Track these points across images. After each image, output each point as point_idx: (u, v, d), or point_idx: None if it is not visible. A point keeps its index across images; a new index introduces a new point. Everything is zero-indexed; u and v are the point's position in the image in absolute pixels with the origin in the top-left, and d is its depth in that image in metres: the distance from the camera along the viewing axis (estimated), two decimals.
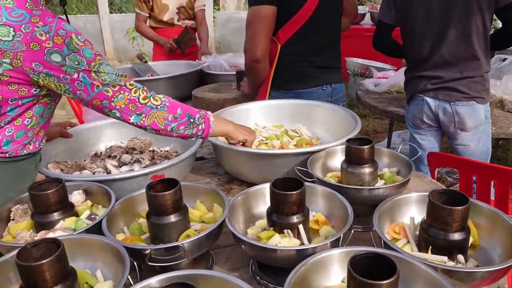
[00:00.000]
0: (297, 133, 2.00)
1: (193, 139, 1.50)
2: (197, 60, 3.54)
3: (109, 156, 1.77)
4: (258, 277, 1.21)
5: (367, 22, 6.81)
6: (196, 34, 3.94)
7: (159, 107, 1.36)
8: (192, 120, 1.43)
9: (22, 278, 0.90)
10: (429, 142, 2.51)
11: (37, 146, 1.38)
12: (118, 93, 1.30)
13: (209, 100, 2.59)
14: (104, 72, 1.26)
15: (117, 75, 1.29)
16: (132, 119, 1.34)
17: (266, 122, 2.08)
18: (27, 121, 1.30)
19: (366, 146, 1.37)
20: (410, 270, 0.94)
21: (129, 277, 0.96)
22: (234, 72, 2.82)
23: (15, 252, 0.93)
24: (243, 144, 1.63)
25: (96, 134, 1.92)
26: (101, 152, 1.86)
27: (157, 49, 3.95)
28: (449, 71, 2.27)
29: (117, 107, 1.31)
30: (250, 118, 2.07)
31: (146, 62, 3.43)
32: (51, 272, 0.89)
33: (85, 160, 1.82)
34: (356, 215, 1.39)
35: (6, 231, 1.23)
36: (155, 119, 1.36)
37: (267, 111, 2.10)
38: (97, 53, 1.27)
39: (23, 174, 1.37)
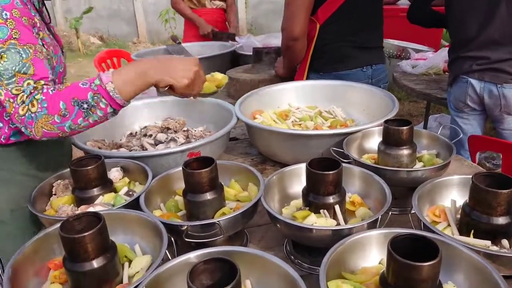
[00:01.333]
0: (331, 114, 1.97)
1: (111, 118, 1.25)
2: (230, 42, 3.53)
3: (145, 135, 1.80)
4: (292, 257, 1.21)
5: (403, 2, 6.58)
6: (226, 16, 3.93)
7: (38, 114, 1.12)
8: (85, 106, 1.15)
9: (65, 250, 0.93)
10: (472, 127, 2.41)
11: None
12: (8, 99, 1.12)
13: (243, 81, 2.57)
14: (7, 60, 1.09)
15: (19, 69, 1.11)
16: (25, 132, 1.15)
17: (300, 103, 2.05)
18: None
19: (405, 127, 1.33)
20: (451, 254, 0.92)
21: (167, 251, 0.98)
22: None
23: (58, 225, 0.96)
24: (171, 89, 1.30)
25: (131, 114, 1.95)
26: (136, 132, 1.89)
27: (188, 30, 3.95)
28: (497, 51, 2.15)
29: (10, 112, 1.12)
30: (284, 99, 2.05)
31: (180, 43, 3.44)
32: (92, 244, 0.91)
33: (121, 140, 1.86)
34: (393, 198, 1.36)
35: (49, 205, 1.28)
36: (43, 129, 1.13)
37: (301, 92, 2.07)
38: (16, 37, 1.11)
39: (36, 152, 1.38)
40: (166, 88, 1.29)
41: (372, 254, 0.98)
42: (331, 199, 1.13)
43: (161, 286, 0.91)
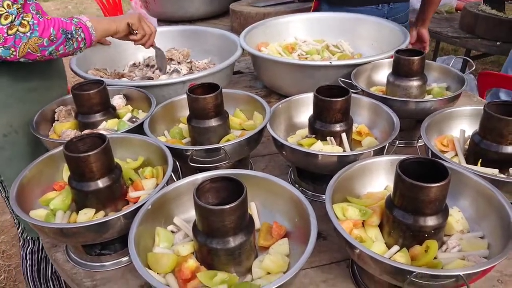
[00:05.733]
0: (339, 48, 1.91)
1: (78, 52, 1.31)
2: None
3: (147, 66, 1.76)
4: (296, 185, 1.21)
5: None
6: None
7: (28, 34, 1.13)
8: (69, 36, 1.22)
9: (71, 169, 0.93)
10: None
11: None
12: None
13: (247, 14, 2.48)
14: None
15: None
16: (3, 53, 1.13)
17: (307, 36, 1.98)
18: None
19: (416, 57, 1.28)
20: (458, 180, 0.91)
21: (172, 174, 0.97)
22: None
23: (62, 147, 0.95)
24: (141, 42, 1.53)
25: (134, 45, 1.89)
26: (139, 62, 1.84)
27: None
28: None
29: None
30: (290, 31, 1.98)
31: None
32: (97, 164, 0.91)
33: (123, 70, 1.81)
34: (400, 130, 1.35)
35: (52, 131, 1.27)
36: (29, 49, 1.15)
37: (308, 24, 2.00)
38: None
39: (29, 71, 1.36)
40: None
41: (378, 180, 0.98)
42: (338, 127, 1.11)
43: (167, 206, 0.91)
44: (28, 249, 1.60)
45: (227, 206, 0.74)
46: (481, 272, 0.73)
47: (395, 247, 0.83)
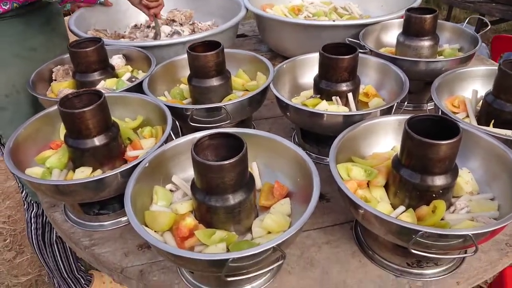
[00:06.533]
0: (347, 11, 1.83)
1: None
2: None
3: (148, 27, 1.70)
4: (300, 147, 1.17)
5: None
6: None
7: None
8: None
9: (66, 126, 0.90)
10: None
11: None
12: None
13: None
14: None
15: None
16: None
17: None
18: None
19: (428, 15, 1.22)
20: (469, 140, 0.87)
21: (171, 133, 0.94)
22: None
23: None
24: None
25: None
26: (141, 24, 1.78)
27: None
28: None
29: None
30: None
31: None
32: (93, 121, 0.87)
33: (125, 31, 1.76)
34: (408, 92, 1.30)
35: (49, 90, 1.23)
36: None
37: None
38: None
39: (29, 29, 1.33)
40: None
41: (385, 140, 0.94)
42: (344, 87, 1.06)
43: (166, 164, 0.88)
44: (32, 212, 1.60)
45: (226, 162, 0.70)
46: (490, 233, 0.70)
47: (401, 208, 0.80)
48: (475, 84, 1.11)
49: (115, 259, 0.88)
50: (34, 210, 1.59)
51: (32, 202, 1.57)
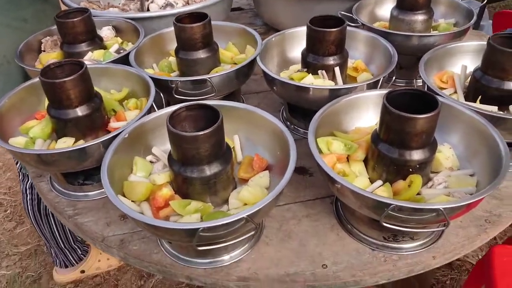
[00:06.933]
0: None
1: None
2: None
3: None
4: (288, 122, 1.17)
5: None
6: None
7: None
8: None
9: (48, 96, 0.90)
10: None
11: None
12: None
13: None
14: None
15: None
16: None
17: None
18: None
19: None
20: (451, 116, 0.86)
21: (154, 105, 0.94)
22: None
23: None
24: None
25: None
26: None
27: None
28: None
29: None
30: None
31: None
32: (75, 91, 0.87)
33: (119, 3, 1.74)
34: (399, 67, 1.28)
35: (38, 61, 1.23)
36: None
37: None
38: None
39: None
40: None
41: (368, 115, 0.93)
42: (331, 60, 1.05)
43: (146, 136, 0.89)
44: (28, 183, 1.62)
45: (201, 133, 0.70)
46: (464, 208, 0.70)
47: (378, 182, 0.80)
48: (465, 59, 1.09)
49: (97, 228, 0.90)
50: (29, 181, 1.61)
51: (26, 173, 1.59)
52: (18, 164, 1.60)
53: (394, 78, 1.05)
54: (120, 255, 0.86)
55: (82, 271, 1.89)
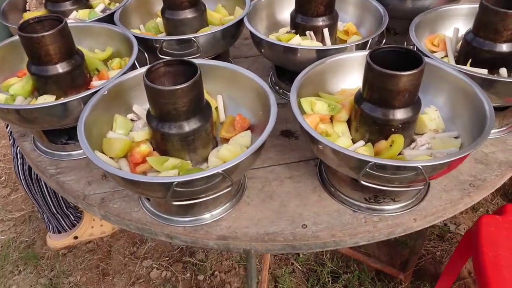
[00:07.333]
0: None
1: None
2: None
3: None
4: (277, 87, 1.15)
5: None
6: None
7: None
8: None
9: (27, 52, 0.88)
10: None
11: None
12: None
13: None
14: None
15: None
16: None
17: None
18: None
19: None
20: (437, 77, 0.85)
21: (136, 63, 0.92)
22: None
23: None
24: None
25: None
26: None
27: None
28: None
29: None
30: None
31: None
32: (54, 46, 0.86)
33: None
34: (393, 33, 1.25)
35: (22, 19, 1.20)
36: None
37: None
38: None
39: None
40: None
41: (354, 77, 0.91)
42: (320, 21, 1.02)
43: (128, 94, 0.87)
44: (18, 148, 1.61)
45: (178, 87, 0.69)
46: (445, 167, 0.69)
47: (360, 142, 0.79)
48: (458, 23, 1.06)
49: (79, 187, 0.89)
50: None
51: None
52: (8, 128, 1.59)
53: (384, 40, 1.02)
54: (100, 213, 0.86)
55: (75, 237, 1.91)
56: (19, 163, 1.64)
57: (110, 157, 0.77)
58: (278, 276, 1.66)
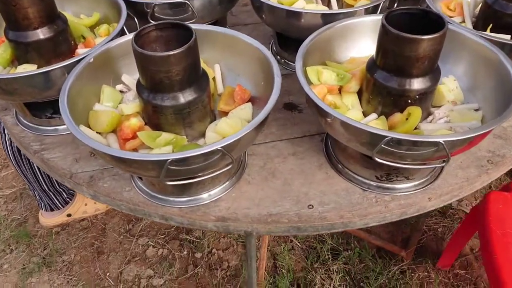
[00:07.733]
0: None
1: None
2: None
3: None
4: (279, 56, 1.07)
5: None
6: None
7: None
8: None
9: (3, 16, 0.80)
10: None
11: None
12: None
13: None
14: None
15: None
16: None
17: None
18: None
19: None
20: (457, 44, 0.77)
21: (125, 29, 0.84)
22: None
23: None
24: None
25: None
26: None
27: None
28: None
29: None
30: None
31: None
32: (33, 9, 0.77)
33: None
34: None
35: None
36: None
37: None
38: None
39: None
40: None
41: (364, 44, 0.83)
42: None
43: (116, 63, 0.79)
44: None
45: (171, 52, 0.61)
46: (467, 142, 0.62)
47: (373, 115, 0.72)
48: None
49: (65, 164, 0.82)
50: None
51: None
52: None
53: (396, 4, 0.94)
54: (89, 192, 0.79)
55: (69, 215, 1.85)
56: (6, 138, 1.57)
57: (97, 132, 0.70)
58: (277, 253, 1.62)
